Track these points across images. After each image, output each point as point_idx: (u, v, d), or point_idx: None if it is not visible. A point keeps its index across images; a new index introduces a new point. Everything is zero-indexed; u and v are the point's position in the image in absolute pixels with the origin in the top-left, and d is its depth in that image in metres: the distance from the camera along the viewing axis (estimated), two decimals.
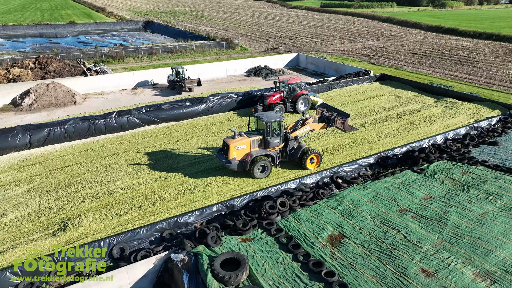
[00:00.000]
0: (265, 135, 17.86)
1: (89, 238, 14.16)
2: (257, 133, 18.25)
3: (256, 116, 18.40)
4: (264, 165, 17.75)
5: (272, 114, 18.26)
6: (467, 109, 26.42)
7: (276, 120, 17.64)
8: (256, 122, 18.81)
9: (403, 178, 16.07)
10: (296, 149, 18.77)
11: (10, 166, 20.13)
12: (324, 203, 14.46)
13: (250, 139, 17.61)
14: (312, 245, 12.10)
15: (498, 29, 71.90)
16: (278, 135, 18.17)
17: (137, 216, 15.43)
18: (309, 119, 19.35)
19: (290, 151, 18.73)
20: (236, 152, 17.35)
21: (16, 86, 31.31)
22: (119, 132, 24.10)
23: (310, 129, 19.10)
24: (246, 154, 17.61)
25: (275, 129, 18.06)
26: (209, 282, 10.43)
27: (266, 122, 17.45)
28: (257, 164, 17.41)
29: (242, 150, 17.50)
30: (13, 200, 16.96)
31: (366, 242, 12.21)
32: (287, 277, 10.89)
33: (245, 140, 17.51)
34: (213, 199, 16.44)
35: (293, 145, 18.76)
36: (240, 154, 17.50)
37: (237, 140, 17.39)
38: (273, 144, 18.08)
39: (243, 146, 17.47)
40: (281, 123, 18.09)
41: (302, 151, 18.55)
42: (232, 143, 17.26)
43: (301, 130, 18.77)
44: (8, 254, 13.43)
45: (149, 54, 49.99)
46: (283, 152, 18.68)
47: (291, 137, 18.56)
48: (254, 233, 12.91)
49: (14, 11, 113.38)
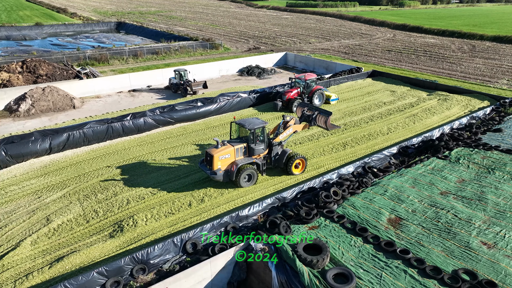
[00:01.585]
0: (249, 142, 17.19)
1: (150, 237, 14.36)
2: (241, 141, 17.49)
3: (238, 123, 17.52)
4: (251, 174, 17.16)
5: (254, 121, 17.53)
6: (460, 101, 28.70)
7: (259, 126, 17.00)
8: (238, 130, 17.97)
9: (432, 165, 17.54)
10: (281, 155, 18.23)
11: (35, 173, 19.59)
12: (371, 190, 15.55)
13: (234, 147, 16.89)
14: (377, 228, 13.13)
15: (456, 27, 77.11)
16: (262, 141, 17.58)
17: (190, 214, 15.76)
18: (290, 121, 18.81)
19: (275, 157, 18.25)
20: (221, 162, 16.63)
21: (9, 91, 30.02)
22: (136, 134, 23.97)
23: (292, 131, 18.56)
24: (231, 164, 16.93)
25: (259, 135, 17.45)
26: (300, 267, 11.12)
27: (250, 129, 16.73)
28: (243, 173, 16.78)
29: (227, 160, 16.77)
30: (52, 206, 16.68)
31: (423, 222, 13.41)
32: (365, 258, 11.83)
33: (229, 149, 16.80)
34: (258, 193, 17.07)
35: (277, 150, 18.24)
36: (225, 164, 16.80)
37: (220, 150, 16.63)
38: (258, 151, 17.51)
39: (228, 156, 16.75)
40: (265, 129, 17.57)
41: (287, 156, 18.05)
42: (216, 153, 16.49)
43: (283, 134, 18.24)
44: (73, 257, 13.37)
45: (134, 55, 49.19)
46: (268, 159, 18.20)
47: (275, 142, 18.04)
48: (318, 221, 13.74)
49: None
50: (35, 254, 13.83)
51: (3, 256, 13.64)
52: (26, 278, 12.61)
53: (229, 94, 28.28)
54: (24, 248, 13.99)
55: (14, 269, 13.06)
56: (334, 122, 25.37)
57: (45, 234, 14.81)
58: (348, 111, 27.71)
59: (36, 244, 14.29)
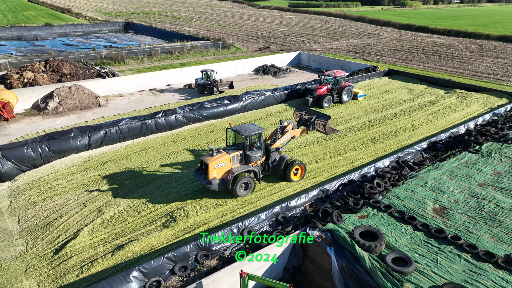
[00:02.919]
0: (245, 149, 16.58)
1: (203, 226, 14.99)
2: (237, 148, 16.87)
3: (234, 129, 16.84)
4: (248, 182, 16.50)
5: (251, 127, 16.89)
6: (479, 99, 29.45)
7: (256, 132, 16.39)
8: (234, 137, 17.36)
9: (466, 158, 18.24)
10: (279, 161, 17.66)
11: (77, 168, 20.17)
12: (412, 182, 16.23)
13: (230, 155, 16.26)
14: (424, 217, 13.80)
15: (461, 26, 78.00)
16: (259, 148, 17.02)
17: (237, 205, 16.38)
18: (288, 126, 18.35)
19: (273, 163, 17.69)
20: (216, 171, 16.01)
21: (37, 90, 30.54)
22: (168, 131, 24.57)
23: (290, 136, 18.12)
24: (227, 172, 16.29)
25: (256, 142, 16.91)
26: (360, 252, 11.77)
27: (246, 136, 16.14)
28: (239, 182, 16.15)
29: (222, 168, 16.16)
30: (100, 198, 17.27)
31: (467, 211, 14.09)
32: (418, 244, 12.50)
33: (225, 157, 16.16)
34: (298, 186, 17.72)
35: (275, 156, 17.69)
36: (220, 173, 16.17)
37: (216, 158, 15.99)
38: (255, 158, 16.87)
39: (223, 164, 16.11)
40: (261, 135, 16.97)
41: (285, 162, 17.46)
42: (211, 161, 15.86)
43: (281, 140, 17.76)
44: (133, 245, 13.98)
45: (148, 55, 49.75)
46: (266, 165, 17.63)
47: (272, 148, 17.48)
48: (366, 210, 14.39)
49: None
50: (94, 243, 14.42)
51: (65, 244, 14.23)
52: (91, 265, 13.22)
53: (253, 92, 28.91)
54: (83, 238, 14.58)
55: (78, 257, 13.66)
56: (355, 120, 26.06)
57: (100, 225, 15.41)
58: (370, 109, 28.39)
59: (94, 234, 14.88)
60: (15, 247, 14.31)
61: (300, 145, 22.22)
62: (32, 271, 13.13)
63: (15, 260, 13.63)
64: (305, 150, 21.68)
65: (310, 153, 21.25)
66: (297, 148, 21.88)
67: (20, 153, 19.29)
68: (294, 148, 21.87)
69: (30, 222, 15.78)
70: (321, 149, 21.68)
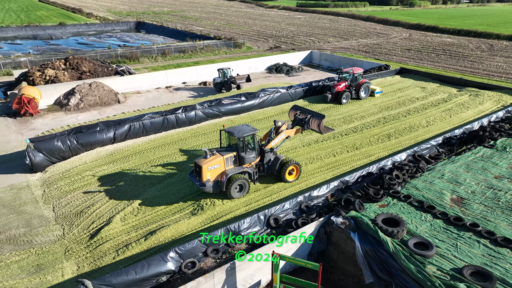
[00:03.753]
0: (239, 151, 16.62)
1: (229, 214, 15.73)
2: (231, 149, 16.97)
3: (227, 131, 16.84)
4: (242, 184, 16.55)
5: (244, 128, 16.87)
6: (492, 96, 29.90)
7: (249, 134, 16.41)
8: (228, 138, 17.35)
9: (481, 153, 18.79)
10: (274, 162, 17.72)
11: (103, 160, 21.02)
12: (429, 174, 16.83)
13: (224, 157, 16.31)
14: (442, 206, 14.40)
15: (471, 26, 78.06)
16: (253, 149, 17.02)
17: (260, 195, 17.11)
18: (282, 126, 18.33)
19: (268, 164, 17.77)
20: (210, 173, 16.05)
21: (59, 86, 31.54)
22: (188, 126, 25.37)
23: (285, 137, 18.08)
24: (220, 174, 16.32)
25: (249, 143, 16.93)
26: (383, 237, 12.41)
27: (239, 137, 16.18)
28: (234, 184, 16.20)
29: (216, 170, 16.20)
30: (129, 188, 18.09)
31: (484, 201, 14.68)
32: (438, 230, 13.12)
33: (219, 159, 16.20)
34: (318, 178, 18.41)
35: (269, 157, 17.74)
36: (214, 175, 16.21)
37: (209, 160, 16.05)
38: (249, 159, 16.88)
39: (217, 166, 16.16)
40: (255, 136, 16.99)
41: (280, 163, 17.50)
42: (205, 163, 15.91)
43: (275, 140, 17.73)
44: (164, 231, 14.76)
45: (162, 54, 50.67)
46: (261, 166, 17.70)
47: (267, 149, 17.51)
48: (386, 200, 15.03)
49: None
50: (127, 229, 15.22)
51: (99, 230, 15.05)
52: (126, 248, 14.01)
53: (269, 90, 29.61)
54: (116, 224, 15.39)
55: (113, 241, 14.46)
56: (370, 116, 26.65)
57: (131, 212, 16.22)
58: (384, 106, 28.96)
59: (125, 221, 15.68)
60: (53, 232, 15.16)
61: (317, 140, 22.89)
62: (71, 254, 13.96)
63: (54, 244, 14.47)
64: (322, 144, 22.35)
65: (327, 147, 21.91)
66: (314, 143, 22.55)
67: (50, 145, 20.17)
68: (312, 143, 22.55)
69: (64, 209, 16.63)
70: (337, 144, 22.33)
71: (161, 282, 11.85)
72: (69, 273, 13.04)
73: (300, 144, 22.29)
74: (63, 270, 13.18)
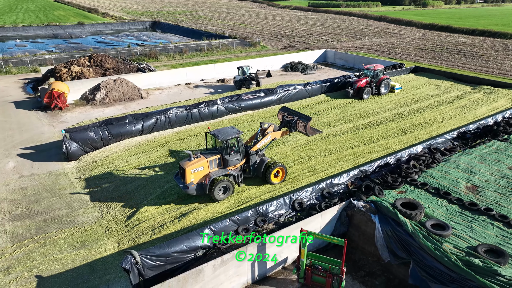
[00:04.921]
0: (223, 153, 16.64)
1: (255, 199, 16.85)
2: (215, 151, 17.02)
3: (212, 133, 16.89)
4: (226, 186, 16.55)
5: (228, 131, 16.84)
6: (506, 94, 30.47)
7: (233, 136, 16.44)
8: (214, 140, 17.35)
9: (495, 146, 19.54)
10: (259, 164, 17.76)
11: (133, 150, 22.27)
12: (444, 165, 17.67)
13: (207, 159, 16.36)
14: (458, 193, 15.26)
15: (485, 26, 77.93)
16: (237, 152, 17.03)
17: (284, 183, 18.14)
18: (269, 128, 18.35)
19: (253, 165, 17.80)
20: (194, 175, 16.07)
21: (85, 82, 33.00)
22: (210, 120, 26.52)
23: (271, 139, 18.04)
24: (204, 176, 16.36)
25: (234, 146, 17.00)
26: (402, 218, 13.33)
27: (223, 140, 16.20)
28: (217, 186, 16.22)
29: (200, 173, 16.21)
30: (159, 175, 19.26)
31: (498, 189, 15.49)
32: (453, 214, 13.99)
33: (202, 162, 16.26)
34: (338, 168, 19.38)
35: (255, 159, 17.76)
36: (198, 177, 16.23)
37: (193, 163, 16.08)
38: (233, 162, 16.91)
39: (201, 168, 16.19)
40: (239, 139, 16.94)
41: (265, 165, 17.53)
42: (188, 166, 15.95)
43: (261, 143, 17.68)
44: (195, 213, 15.94)
45: (179, 52, 52.02)
46: (246, 168, 17.75)
47: (252, 151, 17.52)
48: (404, 187, 15.93)
49: (5, 12, 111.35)
50: (160, 211, 16.39)
51: (135, 212, 16.25)
52: (161, 228, 15.18)
53: (286, 86, 30.63)
54: (149, 207, 16.57)
55: (149, 222, 15.64)
56: (385, 112, 27.45)
57: (163, 197, 17.36)
58: (399, 102, 29.76)
59: (158, 204, 16.84)
60: (92, 214, 16.41)
61: (335, 134, 23.83)
62: (111, 232, 15.18)
63: (95, 223, 15.72)
64: (340, 138, 23.28)
65: (345, 140, 22.85)
66: (333, 136, 23.50)
67: (84, 136, 21.50)
68: (330, 136, 23.50)
69: (100, 194, 17.88)
70: (355, 137, 23.25)
71: (198, 256, 12.95)
72: (111, 249, 14.26)
73: (318, 137, 23.23)
74: (105, 246, 14.40)
